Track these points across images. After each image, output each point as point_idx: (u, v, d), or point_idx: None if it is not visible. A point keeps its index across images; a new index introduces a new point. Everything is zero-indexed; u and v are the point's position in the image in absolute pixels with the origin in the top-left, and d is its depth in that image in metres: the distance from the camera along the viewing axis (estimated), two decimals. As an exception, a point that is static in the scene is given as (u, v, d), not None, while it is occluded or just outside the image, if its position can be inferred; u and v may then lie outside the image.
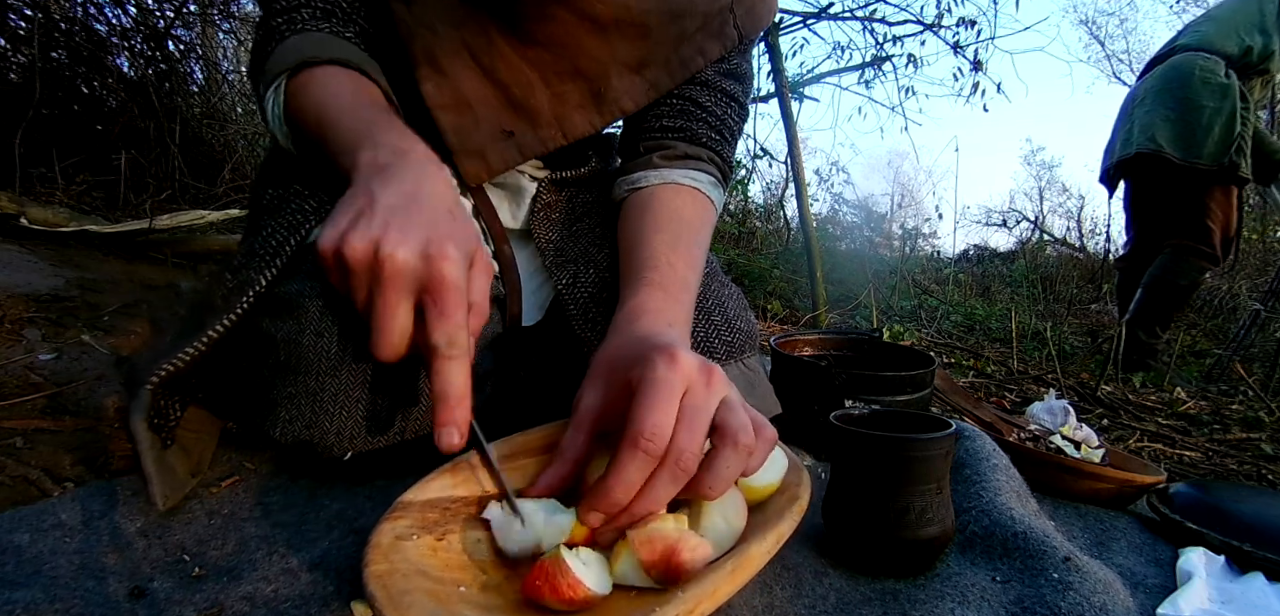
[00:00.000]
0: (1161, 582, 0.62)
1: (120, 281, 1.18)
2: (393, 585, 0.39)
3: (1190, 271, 2.05)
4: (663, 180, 0.68)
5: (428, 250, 0.45)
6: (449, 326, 0.44)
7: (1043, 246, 5.56)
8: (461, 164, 0.65)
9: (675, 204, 0.66)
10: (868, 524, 0.56)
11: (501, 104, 0.65)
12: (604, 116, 0.68)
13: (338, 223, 0.46)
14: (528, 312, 0.71)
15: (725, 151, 0.73)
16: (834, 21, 3.59)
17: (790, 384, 0.86)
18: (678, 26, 0.66)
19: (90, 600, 0.43)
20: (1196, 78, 1.99)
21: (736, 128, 0.74)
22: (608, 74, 0.66)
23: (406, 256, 0.44)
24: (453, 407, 0.45)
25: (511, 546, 0.45)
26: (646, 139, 0.71)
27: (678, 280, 0.58)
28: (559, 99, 0.66)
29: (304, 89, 0.59)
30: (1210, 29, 2.08)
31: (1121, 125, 2.19)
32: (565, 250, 0.71)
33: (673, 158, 0.69)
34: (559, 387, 0.65)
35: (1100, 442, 0.99)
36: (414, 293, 0.45)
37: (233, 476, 0.61)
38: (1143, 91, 2.14)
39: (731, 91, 0.72)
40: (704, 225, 0.68)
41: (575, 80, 0.66)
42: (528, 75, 0.65)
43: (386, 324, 0.44)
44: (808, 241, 2.41)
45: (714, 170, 0.71)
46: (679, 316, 0.56)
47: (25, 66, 1.69)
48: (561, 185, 0.75)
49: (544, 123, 0.66)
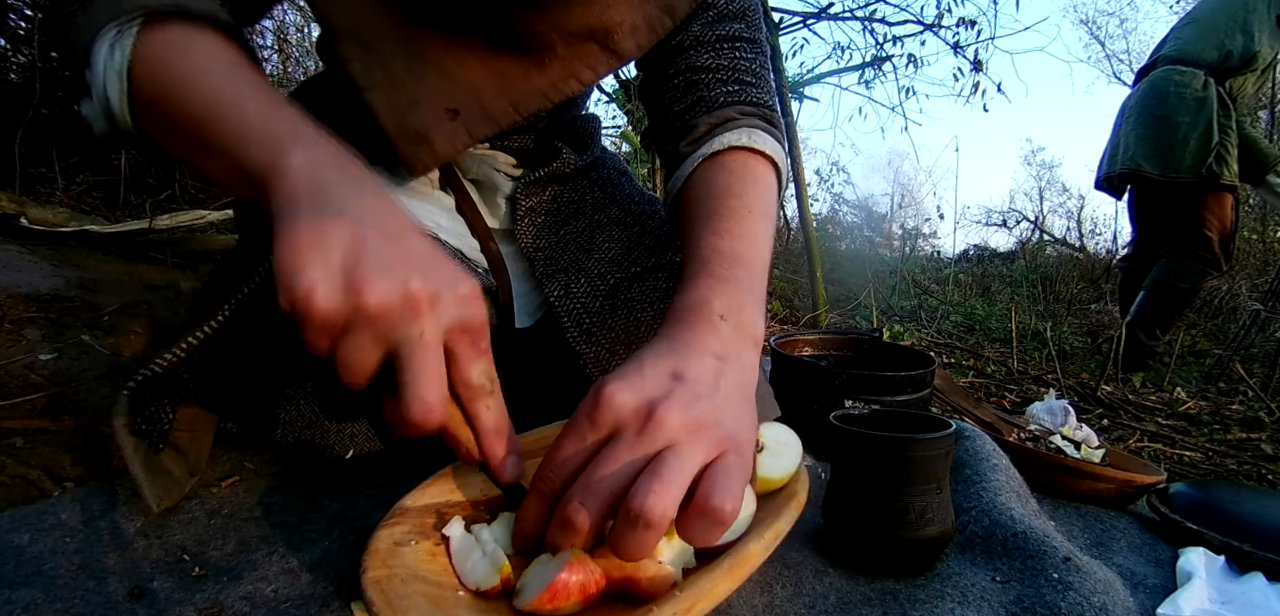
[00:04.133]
0: (1161, 582, 0.62)
1: (120, 281, 1.18)
2: (391, 590, 0.39)
3: (1192, 275, 2.06)
4: (692, 166, 0.62)
5: (457, 287, 0.41)
6: (486, 362, 0.43)
7: (1043, 246, 5.56)
8: (402, 149, 0.58)
9: (707, 181, 0.60)
10: (868, 524, 0.56)
11: (441, 81, 0.58)
12: (561, 89, 0.61)
13: (324, 264, 0.37)
14: (519, 315, 0.68)
15: (751, 94, 0.64)
16: (834, 21, 3.60)
17: (790, 384, 0.86)
18: None
19: (90, 600, 0.43)
20: (1172, 94, 2.03)
21: (754, 65, 0.66)
22: (552, 44, 0.59)
23: (445, 295, 0.40)
24: (507, 438, 0.44)
25: (469, 574, 0.43)
26: (669, 134, 0.66)
27: (724, 257, 0.51)
28: (500, 74, 0.59)
29: (173, 49, 0.45)
30: (1191, 34, 2.10)
31: (1111, 138, 2.24)
32: (555, 258, 0.67)
33: (697, 137, 0.63)
34: (556, 393, 0.65)
35: (1100, 443, 0.99)
36: (446, 338, 0.41)
37: (233, 476, 0.61)
38: (1128, 107, 2.18)
39: (732, 34, 0.65)
40: (749, 182, 0.59)
41: (515, 53, 0.59)
42: (462, 51, 0.58)
43: (428, 384, 0.39)
44: (808, 241, 2.41)
45: (748, 121, 0.63)
46: (734, 298, 0.48)
47: (25, 66, 1.69)
48: (543, 184, 0.69)
49: (490, 99, 0.59)
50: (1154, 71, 2.12)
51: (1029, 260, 4.96)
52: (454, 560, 0.45)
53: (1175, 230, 2.07)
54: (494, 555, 0.43)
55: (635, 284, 0.67)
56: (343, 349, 0.39)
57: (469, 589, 0.43)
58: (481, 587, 0.42)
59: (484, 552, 0.44)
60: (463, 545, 0.45)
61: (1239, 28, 2.01)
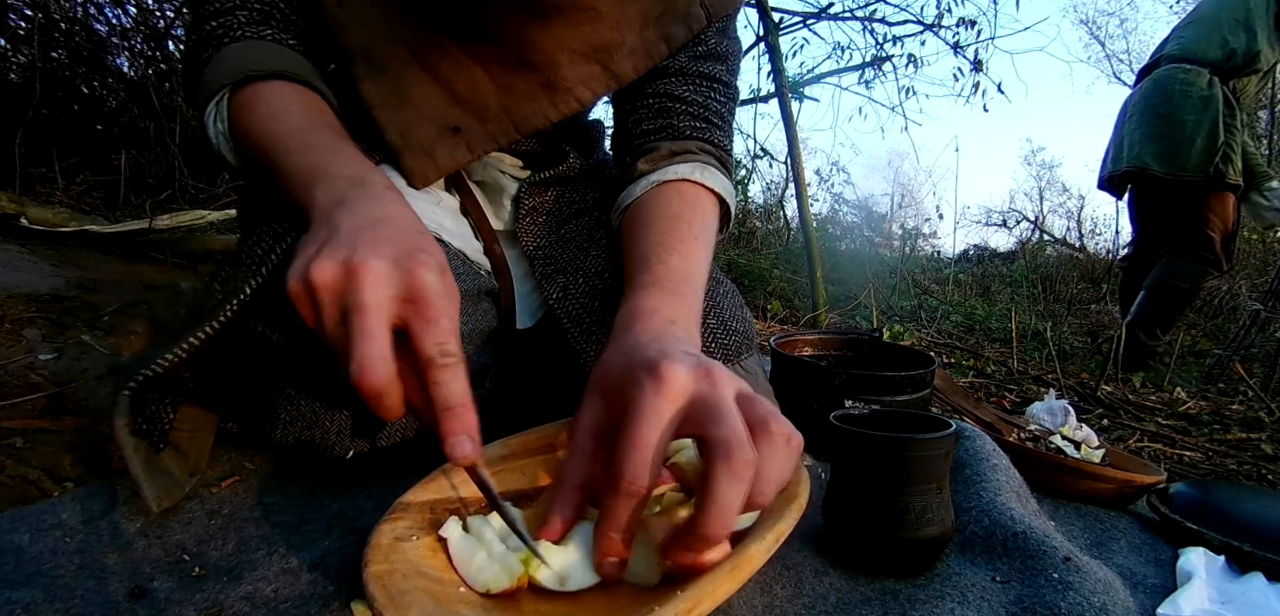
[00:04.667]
0: (1161, 582, 0.62)
1: (120, 281, 1.18)
2: (392, 585, 0.39)
3: (1193, 275, 2.06)
4: (648, 186, 0.64)
5: (403, 262, 0.43)
6: (439, 333, 0.42)
7: (1043, 246, 5.56)
8: (407, 163, 0.62)
9: (661, 202, 0.63)
10: (868, 524, 0.56)
11: (445, 99, 0.61)
12: (560, 107, 0.64)
13: (303, 255, 0.44)
14: (521, 316, 0.69)
15: (715, 136, 0.68)
16: (834, 21, 3.60)
17: (790, 384, 0.86)
18: (635, 9, 0.61)
19: (90, 600, 0.43)
20: (1177, 91, 2.02)
21: (724, 109, 0.70)
22: (557, 63, 0.61)
23: (380, 265, 0.42)
24: (458, 415, 0.42)
25: (477, 576, 0.43)
26: (630, 148, 0.68)
27: (674, 273, 0.55)
28: (505, 90, 0.62)
29: (249, 108, 0.56)
30: (1194, 33, 2.09)
31: (1114, 137, 2.23)
32: (554, 258, 0.68)
33: (658, 159, 0.65)
34: (556, 392, 0.65)
35: (1100, 443, 0.99)
36: (392, 309, 0.42)
37: (232, 476, 0.61)
38: (1131, 106, 2.17)
39: (711, 73, 0.68)
40: (698, 214, 0.63)
41: (521, 70, 0.61)
42: (469, 66, 0.61)
43: (366, 346, 0.41)
44: (808, 241, 2.41)
45: (706, 158, 0.66)
46: (681, 310, 0.52)
47: (25, 66, 1.69)
48: (546, 185, 0.71)
49: (492, 116, 0.62)
50: (1157, 70, 2.11)
51: (1029, 260, 4.96)
52: (455, 562, 0.44)
53: (1177, 229, 2.07)
54: (504, 557, 0.43)
55: None
56: (320, 326, 0.43)
57: (477, 590, 0.42)
58: (493, 590, 0.42)
59: (491, 554, 0.44)
60: (464, 546, 0.45)
61: (1241, 25, 2.00)
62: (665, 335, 0.47)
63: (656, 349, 0.43)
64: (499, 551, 0.43)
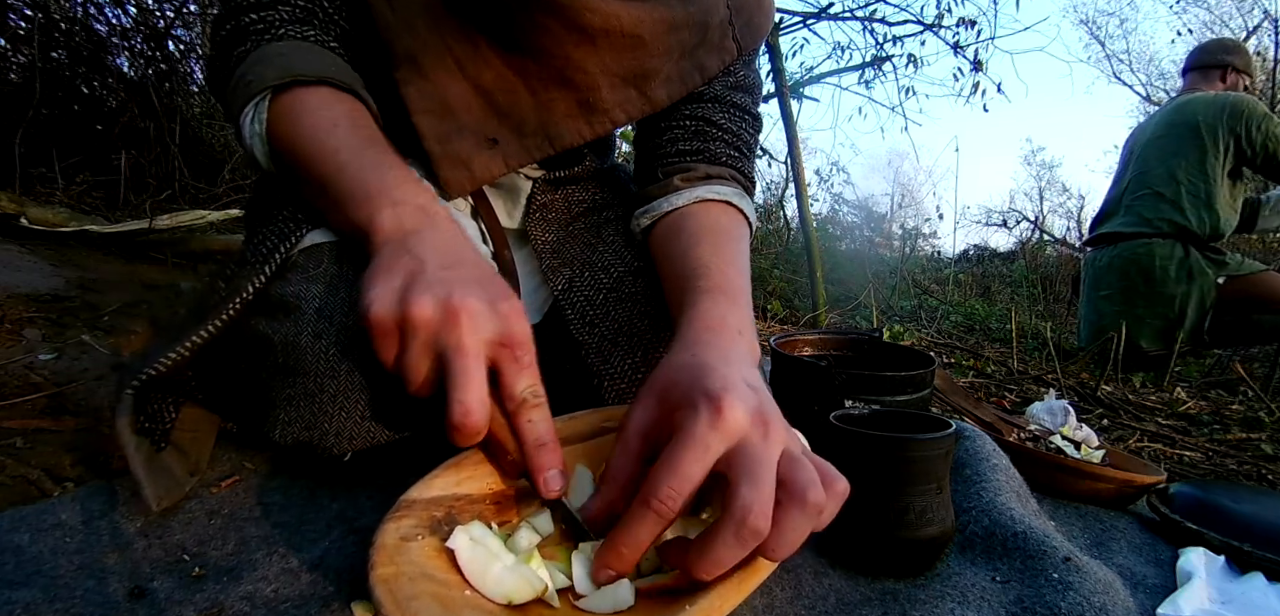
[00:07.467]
0: (1161, 582, 0.62)
1: (120, 281, 1.18)
2: (399, 589, 0.39)
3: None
4: (692, 200, 0.65)
5: (497, 305, 0.45)
6: (531, 376, 0.46)
7: (1043, 246, 5.56)
8: (443, 172, 0.63)
9: (710, 217, 0.64)
10: (868, 524, 0.56)
11: (485, 110, 0.63)
12: (594, 127, 0.65)
13: (388, 285, 0.45)
14: (528, 313, 0.70)
15: (745, 166, 0.71)
16: (834, 21, 3.59)
17: (790, 384, 0.86)
18: (675, 39, 0.63)
19: (90, 600, 0.43)
20: (1156, 268, 2.02)
21: (752, 141, 0.73)
22: (597, 85, 0.63)
23: (479, 308, 0.44)
24: (548, 451, 0.46)
25: (494, 588, 0.42)
26: (664, 165, 0.69)
27: (733, 285, 0.56)
28: (545, 107, 0.63)
29: (293, 114, 0.55)
30: (1154, 209, 2.06)
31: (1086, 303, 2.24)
32: (561, 252, 0.70)
33: (694, 179, 0.67)
34: (559, 388, 0.65)
35: (1100, 442, 0.99)
36: (487, 352, 0.44)
37: (233, 476, 0.61)
38: (1099, 275, 2.17)
39: (743, 104, 0.71)
40: (741, 235, 0.65)
41: (562, 88, 0.63)
42: (512, 81, 0.62)
43: (469, 389, 0.42)
44: (808, 241, 2.41)
45: (738, 185, 0.69)
46: (744, 320, 0.53)
47: (25, 66, 1.69)
48: (557, 184, 0.73)
49: (530, 131, 0.64)
50: (1135, 243, 2.08)
51: (1029, 260, 4.96)
52: (466, 572, 0.43)
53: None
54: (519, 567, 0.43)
55: (638, 278, 0.68)
56: (402, 358, 0.45)
57: (497, 602, 0.42)
58: (515, 602, 0.41)
59: (506, 565, 0.43)
60: (475, 557, 0.43)
61: (1203, 205, 1.99)
62: (732, 354, 0.47)
63: (721, 376, 0.42)
64: (511, 562, 0.43)
